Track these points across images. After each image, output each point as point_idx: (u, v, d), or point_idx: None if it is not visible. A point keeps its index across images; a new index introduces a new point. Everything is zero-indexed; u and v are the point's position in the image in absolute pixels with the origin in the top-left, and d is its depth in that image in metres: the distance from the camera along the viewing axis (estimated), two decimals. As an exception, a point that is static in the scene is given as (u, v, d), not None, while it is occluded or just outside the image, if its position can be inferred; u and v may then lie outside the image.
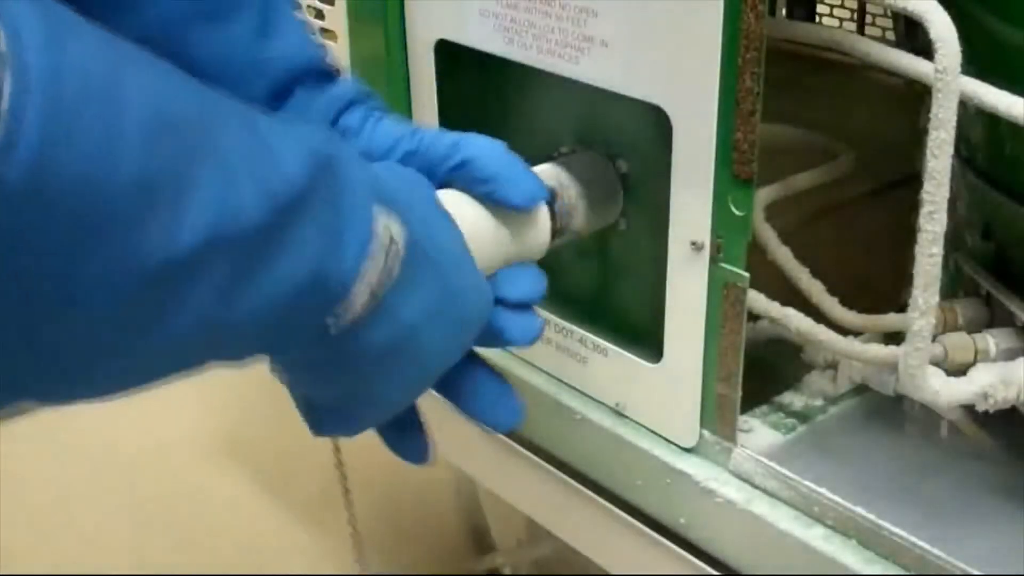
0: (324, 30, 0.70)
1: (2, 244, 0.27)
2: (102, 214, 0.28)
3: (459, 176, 0.46)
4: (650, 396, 0.58)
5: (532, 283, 0.47)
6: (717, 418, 0.55)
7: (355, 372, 0.40)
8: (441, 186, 0.45)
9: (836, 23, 1.08)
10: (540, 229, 0.49)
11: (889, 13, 0.91)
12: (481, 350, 0.47)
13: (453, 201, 0.45)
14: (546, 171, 0.54)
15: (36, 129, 0.26)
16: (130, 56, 0.30)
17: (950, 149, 0.47)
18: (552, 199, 0.51)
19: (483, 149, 0.46)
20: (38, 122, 0.26)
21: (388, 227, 0.37)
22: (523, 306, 0.46)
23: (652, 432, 0.59)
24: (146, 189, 0.29)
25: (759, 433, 0.58)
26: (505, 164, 0.46)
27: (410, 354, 0.40)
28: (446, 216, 0.43)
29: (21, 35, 0.26)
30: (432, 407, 0.72)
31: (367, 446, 0.47)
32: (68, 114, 0.27)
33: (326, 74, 0.47)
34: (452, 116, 0.65)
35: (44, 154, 0.27)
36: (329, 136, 0.38)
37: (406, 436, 0.47)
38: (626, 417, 0.60)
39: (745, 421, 0.58)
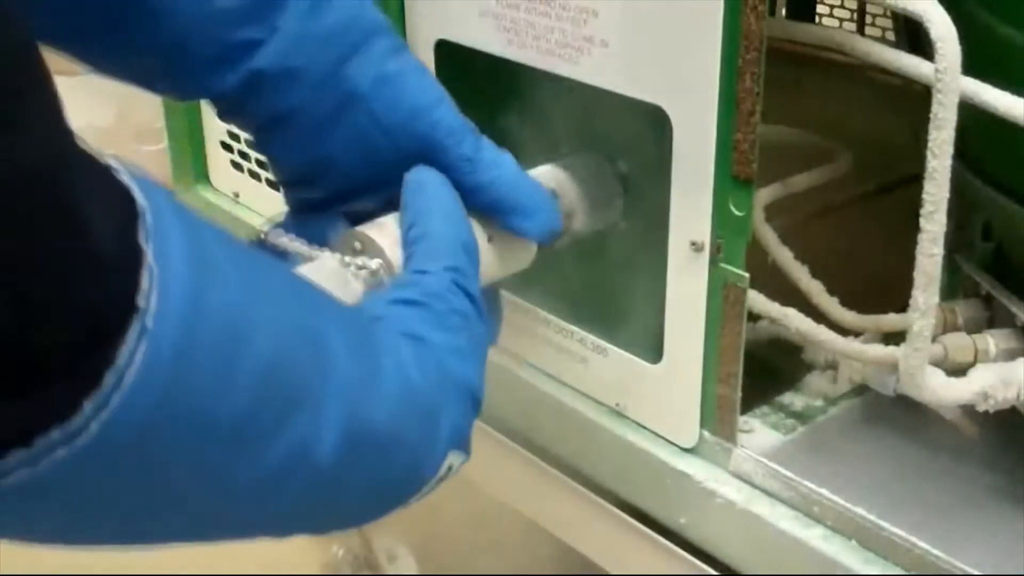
0: (324, 30, 0.70)
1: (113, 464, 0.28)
2: (202, 445, 0.29)
3: (477, 198, 0.45)
4: (650, 396, 0.58)
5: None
6: (717, 418, 0.55)
7: None
8: None
9: (836, 23, 1.08)
10: (531, 248, 0.50)
11: (889, 13, 0.91)
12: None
13: None
14: (546, 173, 0.54)
15: (167, 361, 0.27)
16: (264, 288, 0.31)
17: (950, 149, 0.47)
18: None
19: (505, 171, 0.46)
20: (170, 355, 0.27)
21: (452, 464, 0.40)
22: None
23: (652, 432, 0.59)
24: (241, 427, 0.30)
25: (759, 433, 0.58)
26: (523, 198, 0.46)
27: None
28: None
29: (171, 266, 0.27)
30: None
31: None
32: (196, 352, 0.28)
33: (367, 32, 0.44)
34: (452, 116, 0.65)
35: (167, 387, 0.27)
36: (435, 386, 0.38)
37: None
38: (626, 417, 0.60)
39: (745, 421, 0.58)
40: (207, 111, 0.86)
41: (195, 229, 0.29)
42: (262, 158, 0.66)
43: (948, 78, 0.46)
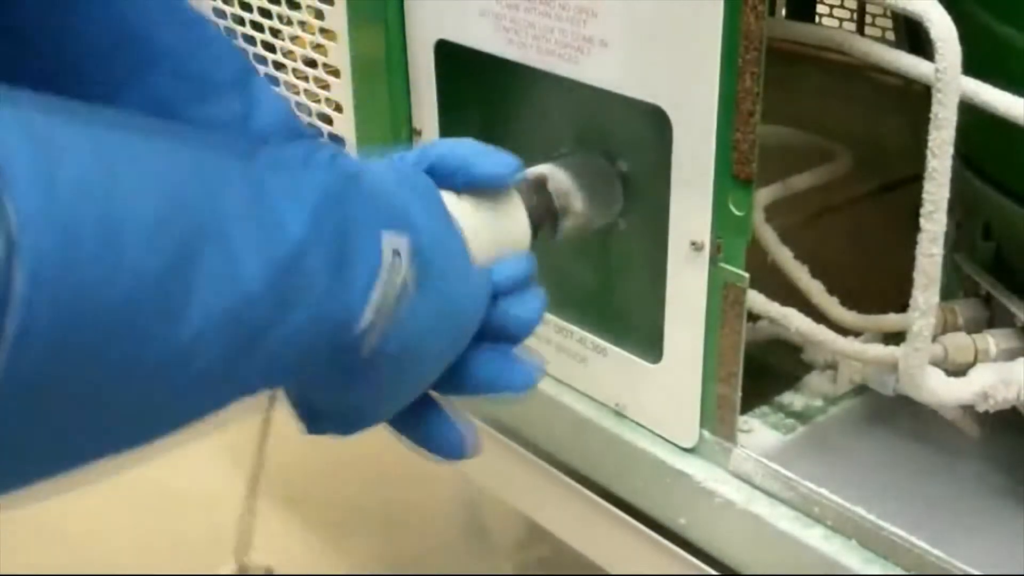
0: (324, 30, 0.70)
1: (21, 372, 0.28)
2: (111, 326, 0.29)
3: (435, 177, 0.46)
4: (650, 396, 0.58)
5: (519, 265, 0.47)
6: (717, 418, 0.55)
7: (364, 382, 0.41)
8: None
9: (836, 23, 1.08)
10: (519, 215, 0.49)
11: (889, 13, 0.91)
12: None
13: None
14: (540, 170, 0.54)
15: (35, 263, 0.27)
16: (126, 153, 0.31)
17: (950, 149, 0.47)
18: (539, 186, 0.51)
19: (448, 144, 0.47)
20: (34, 261, 0.27)
21: (395, 246, 0.38)
22: (518, 288, 0.46)
23: (652, 432, 0.59)
24: (151, 290, 0.30)
25: (759, 433, 0.58)
26: (471, 148, 0.47)
27: (416, 360, 0.42)
28: (449, 220, 0.43)
29: (15, 169, 0.27)
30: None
31: (367, 447, 0.47)
32: (68, 243, 0.28)
33: (297, 133, 0.47)
34: (452, 116, 0.65)
35: (49, 286, 0.27)
36: (337, 173, 0.39)
37: (435, 431, 0.47)
38: (626, 417, 0.60)
39: (745, 421, 0.58)
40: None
41: (28, 120, 0.29)
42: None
43: (948, 78, 0.46)
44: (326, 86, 0.72)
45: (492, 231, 0.47)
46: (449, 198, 0.46)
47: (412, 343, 0.40)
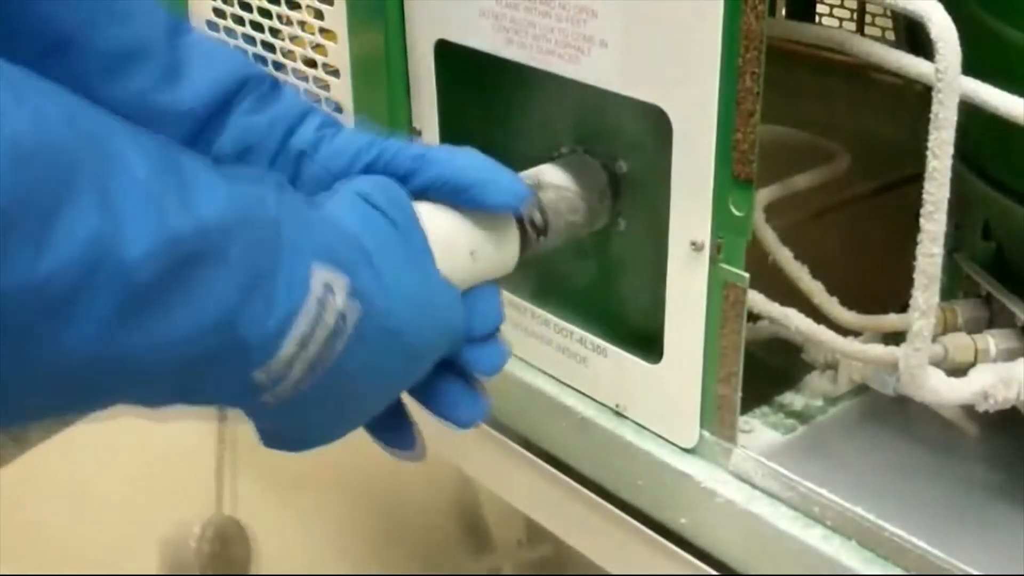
0: (324, 30, 0.70)
1: None
2: None
3: (435, 188, 0.45)
4: (650, 396, 0.58)
5: (494, 311, 0.46)
6: (717, 418, 0.55)
7: (300, 411, 0.39)
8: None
9: (836, 23, 1.08)
10: (512, 239, 0.49)
11: (889, 13, 0.91)
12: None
13: (427, 216, 0.44)
14: (525, 175, 0.54)
15: None
16: (13, 87, 0.31)
17: (950, 149, 0.47)
18: (530, 204, 0.50)
19: (458, 158, 0.46)
20: None
21: (328, 281, 0.37)
22: (487, 337, 0.46)
23: (652, 432, 0.59)
24: (5, 214, 0.29)
25: (759, 433, 0.58)
26: (481, 170, 0.46)
27: (359, 394, 0.41)
28: (417, 261, 0.42)
29: None
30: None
31: (366, 445, 0.47)
32: None
33: (263, 96, 0.48)
34: (452, 116, 0.65)
35: None
36: (279, 196, 0.38)
37: (393, 432, 0.48)
38: (626, 417, 0.60)
39: (745, 421, 0.58)
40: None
41: None
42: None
43: (948, 78, 0.46)
44: (326, 86, 0.72)
45: (484, 255, 0.47)
46: (446, 215, 0.45)
47: (352, 379, 0.39)
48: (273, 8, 0.74)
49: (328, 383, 0.38)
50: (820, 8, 1.09)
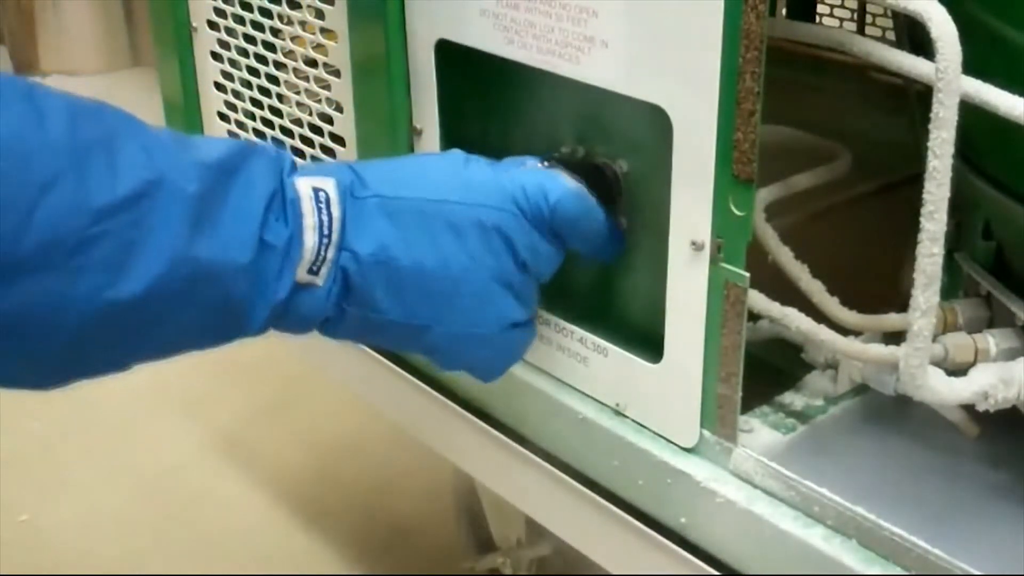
0: (324, 30, 0.70)
1: None
2: (39, 170, 0.41)
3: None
4: (650, 396, 0.58)
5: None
6: (717, 418, 0.55)
7: (392, 314, 0.52)
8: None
9: (836, 23, 1.08)
10: None
11: (889, 13, 0.91)
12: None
13: None
14: None
15: None
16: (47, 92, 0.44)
17: (950, 149, 0.47)
18: None
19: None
20: None
21: (317, 187, 0.50)
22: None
23: (652, 432, 0.59)
24: (78, 149, 0.42)
25: (759, 433, 0.58)
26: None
27: (411, 277, 0.52)
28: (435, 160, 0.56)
29: None
30: (430, 407, 0.72)
31: (366, 444, 0.47)
32: None
33: None
34: (452, 115, 0.65)
35: None
36: (262, 145, 0.51)
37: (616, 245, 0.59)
38: (626, 417, 0.60)
39: (745, 421, 0.57)
40: (209, 117, 0.86)
41: None
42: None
43: (948, 77, 0.46)
44: (327, 86, 0.72)
45: None
46: None
47: (384, 262, 0.51)
48: (274, 8, 0.74)
49: (386, 273, 0.51)
50: (820, 8, 1.09)
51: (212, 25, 0.81)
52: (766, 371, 0.61)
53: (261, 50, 0.77)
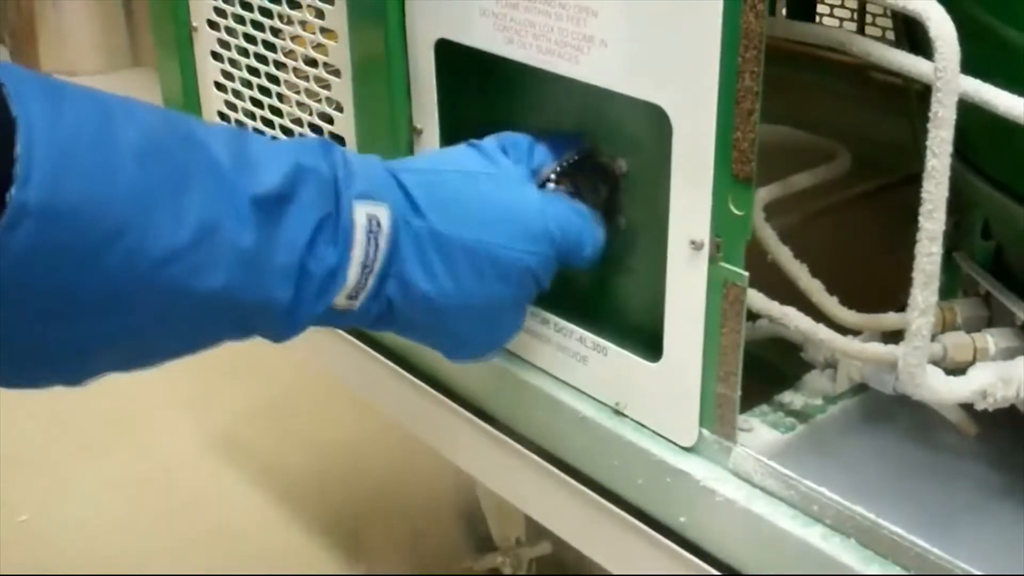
0: (324, 30, 0.71)
1: (26, 260, 0.38)
2: (109, 221, 0.41)
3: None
4: (650, 395, 0.58)
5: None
6: (717, 417, 0.55)
7: (413, 331, 0.56)
8: None
9: (836, 23, 1.08)
10: None
11: (889, 13, 0.91)
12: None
13: None
14: None
15: (43, 164, 0.39)
16: (122, 109, 0.43)
17: (949, 148, 0.47)
18: None
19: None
20: (44, 159, 0.39)
21: (372, 215, 0.51)
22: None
23: (652, 431, 0.59)
24: (145, 197, 0.42)
25: (759, 432, 0.58)
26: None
27: (455, 310, 0.54)
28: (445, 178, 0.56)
29: (28, 103, 0.39)
30: (429, 406, 0.72)
31: (366, 444, 0.48)
32: (67, 150, 0.40)
33: None
34: (452, 115, 0.65)
35: (53, 179, 0.39)
36: (315, 155, 0.51)
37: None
38: (626, 416, 0.60)
39: (745, 420, 0.58)
40: (209, 117, 0.86)
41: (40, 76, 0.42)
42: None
43: (948, 77, 0.46)
44: (327, 86, 0.72)
45: None
46: None
47: (422, 296, 0.53)
48: (274, 8, 0.74)
49: (431, 306, 0.53)
50: (820, 8, 1.09)
51: (212, 25, 0.81)
52: (765, 370, 0.61)
53: (261, 50, 0.77)
